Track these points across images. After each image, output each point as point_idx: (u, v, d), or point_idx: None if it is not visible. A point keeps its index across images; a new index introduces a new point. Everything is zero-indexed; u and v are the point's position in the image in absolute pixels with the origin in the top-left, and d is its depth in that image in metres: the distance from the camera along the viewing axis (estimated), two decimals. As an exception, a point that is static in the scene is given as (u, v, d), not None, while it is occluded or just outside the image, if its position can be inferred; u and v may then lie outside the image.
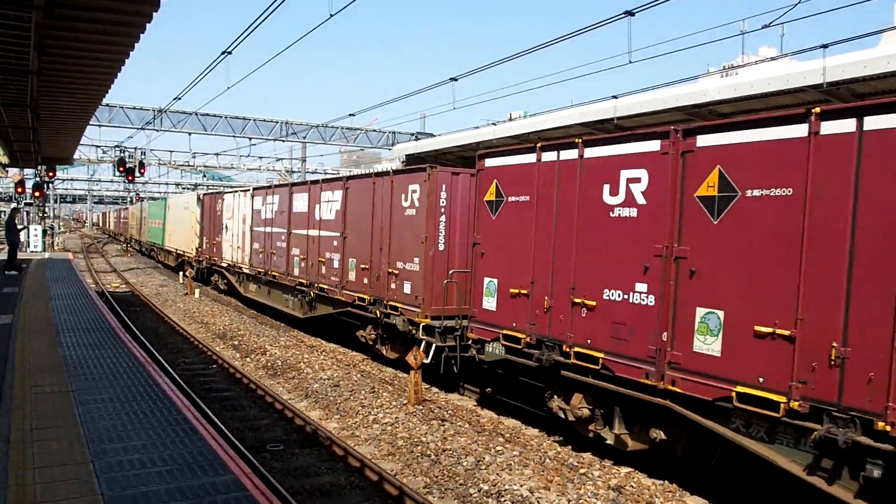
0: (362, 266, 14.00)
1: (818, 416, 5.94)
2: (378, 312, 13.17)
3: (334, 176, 17.64)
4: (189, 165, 46.63)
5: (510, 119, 30.38)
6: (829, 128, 6.06)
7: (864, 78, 8.86)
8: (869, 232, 5.69)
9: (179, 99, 21.68)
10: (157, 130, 30.69)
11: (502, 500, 7.43)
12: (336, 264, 15.15)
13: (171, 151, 43.85)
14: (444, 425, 9.87)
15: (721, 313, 6.78)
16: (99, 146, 37.69)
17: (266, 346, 15.68)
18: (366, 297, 13.70)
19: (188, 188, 67.09)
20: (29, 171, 34.56)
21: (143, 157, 34.68)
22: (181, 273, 30.14)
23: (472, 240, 10.50)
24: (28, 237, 32.55)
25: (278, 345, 15.77)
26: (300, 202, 17.32)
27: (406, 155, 20.70)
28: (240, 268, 22.05)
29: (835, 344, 5.85)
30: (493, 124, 18.85)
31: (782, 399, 6.17)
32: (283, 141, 33.97)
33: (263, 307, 20.91)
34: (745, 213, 6.63)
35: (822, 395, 5.95)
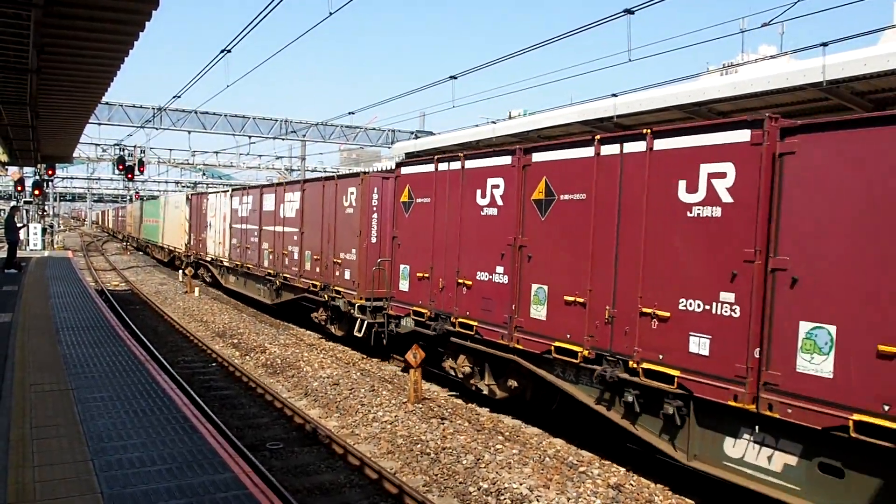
0: (315, 257, 16.16)
1: (600, 360, 8.01)
2: (327, 296, 15.31)
3: (294, 179, 20.36)
4: (188, 164, 46.63)
5: (510, 117, 30.35)
6: (605, 150, 8.04)
7: (864, 76, 8.86)
8: (628, 226, 7.68)
9: (179, 97, 21.69)
10: (157, 129, 30.71)
11: (502, 498, 7.44)
12: (296, 256, 17.28)
13: (170, 150, 43.87)
14: (443, 424, 9.87)
15: (546, 287, 8.88)
16: (98, 144, 37.65)
17: (266, 344, 15.68)
18: (317, 283, 15.88)
19: (188, 186, 67.09)
20: (28, 170, 34.54)
21: (142, 155, 34.60)
22: (180, 271, 30.18)
23: (423, 234, 11.73)
24: (28, 235, 32.55)
25: (278, 343, 15.78)
26: (269, 202, 19.40)
27: (405, 153, 20.70)
28: (221, 261, 23.99)
29: (608, 307, 7.91)
30: (493, 122, 18.85)
31: (580, 349, 8.21)
32: (283, 139, 34.00)
33: (241, 296, 22.98)
34: (561, 211, 8.69)
35: (602, 345, 8.02)
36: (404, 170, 12.07)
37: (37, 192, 32.78)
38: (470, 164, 10.40)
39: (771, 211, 6.36)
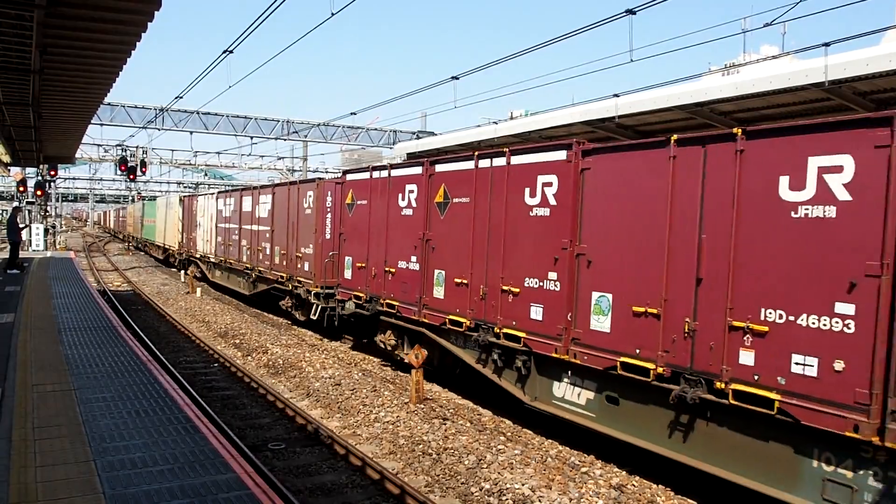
0: (282, 252, 18.45)
1: (478, 328, 10.06)
2: (291, 286, 17.61)
3: (267, 184, 22.71)
4: (191, 164, 46.64)
5: (511, 117, 30.35)
6: (482, 164, 10.16)
7: (867, 76, 8.84)
8: (494, 223, 9.81)
9: (181, 98, 21.65)
10: (159, 129, 30.70)
11: (504, 498, 7.43)
12: (268, 251, 19.53)
13: (172, 150, 43.84)
14: (445, 424, 9.87)
15: (444, 272, 10.98)
16: (101, 145, 37.66)
17: (267, 344, 15.69)
18: (284, 275, 18.13)
19: (190, 187, 67.18)
20: (31, 170, 34.57)
21: (144, 155, 34.60)
22: (182, 272, 30.23)
23: (361, 231, 13.81)
24: (30, 236, 32.59)
25: (280, 343, 15.78)
26: (247, 203, 21.57)
27: (407, 154, 20.69)
28: (208, 258, 26.29)
29: (482, 286, 10.02)
30: (495, 123, 18.85)
31: (465, 320, 10.31)
32: (285, 140, 33.95)
33: (225, 289, 25.39)
34: (453, 212, 10.78)
35: (479, 316, 10.10)
36: (349, 177, 14.35)
37: (39, 192, 32.82)
38: (395, 172, 12.52)
39: (577, 211, 8.52)
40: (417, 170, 11.73)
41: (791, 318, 6.23)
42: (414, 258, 11.66)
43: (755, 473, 6.61)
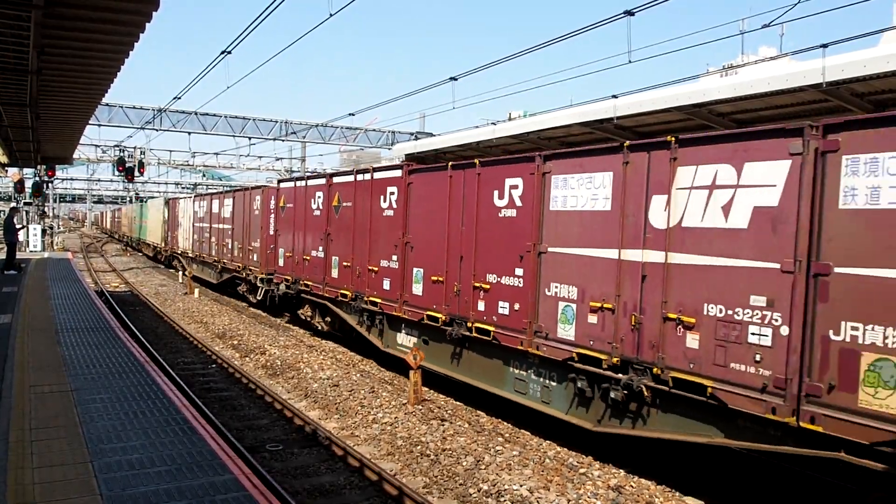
0: (239, 246, 22.17)
1: (357, 298, 13.49)
2: (245, 273, 21.42)
3: (230, 189, 26.50)
4: (189, 165, 46.58)
5: (510, 118, 30.35)
6: (360, 178, 13.74)
7: (864, 77, 8.84)
8: (359, 222, 13.56)
9: (179, 98, 21.67)
10: (157, 130, 30.64)
11: (502, 499, 7.43)
12: (230, 246, 23.25)
13: (170, 151, 43.79)
14: (443, 425, 9.86)
15: (338, 258, 14.44)
16: (98, 146, 37.57)
17: (265, 345, 15.67)
18: (240, 265, 21.91)
19: (188, 188, 67.09)
20: (28, 171, 34.52)
21: (142, 156, 34.61)
22: (180, 272, 30.24)
23: (289, 228, 17.18)
24: (27, 237, 32.53)
25: (278, 344, 15.77)
26: (216, 206, 25.28)
27: (405, 155, 20.66)
28: (187, 253, 30.03)
29: (358, 267, 13.54)
30: (493, 124, 18.84)
31: (349, 293, 13.81)
32: (283, 140, 33.93)
33: (200, 280, 28.14)
34: (344, 213, 14.26)
35: (358, 289, 13.55)
36: (282, 185, 17.99)
37: (36, 193, 32.77)
38: (310, 182, 16.16)
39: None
40: (321, 181, 15.45)
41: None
42: (321, 248, 15.20)
43: (485, 380, 10.37)
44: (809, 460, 7.35)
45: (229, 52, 13.76)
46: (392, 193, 12.45)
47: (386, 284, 12.48)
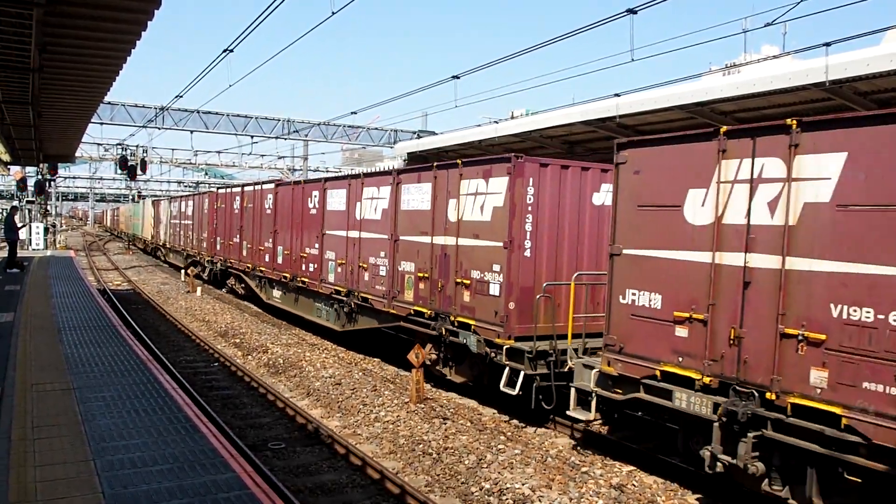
0: (196, 237, 27.71)
1: (253, 269, 20.27)
2: (199, 257, 26.99)
3: (194, 192, 32.71)
4: (191, 163, 46.64)
5: (512, 117, 30.32)
6: (248, 189, 21.24)
7: (867, 76, 8.83)
8: (262, 217, 19.87)
9: (181, 97, 21.74)
10: (159, 128, 30.67)
11: (504, 498, 7.42)
12: (191, 237, 28.82)
13: (172, 149, 43.89)
14: (445, 423, 9.86)
15: (246, 242, 20.72)
16: (101, 144, 37.64)
17: (268, 344, 15.68)
18: (197, 251, 27.21)
19: (190, 186, 67.17)
20: (31, 169, 34.54)
21: (144, 154, 34.62)
22: (183, 271, 30.27)
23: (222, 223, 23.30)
24: (30, 235, 32.56)
25: (280, 343, 15.77)
26: (183, 206, 30.66)
27: (408, 153, 20.68)
28: (166, 244, 35.93)
29: (256, 247, 20.10)
30: (495, 122, 18.82)
31: (249, 264, 20.49)
32: (285, 139, 33.94)
33: (176, 266, 33.51)
34: (248, 212, 20.65)
35: (254, 261, 20.23)
36: (219, 191, 23.75)
37: (38, 192, 32.82)
38: (232, 189, 22.54)
39: (292, 212, 18.04)
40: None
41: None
42: (237, 236, 21.41)
43: (306, 312, 16.54)
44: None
45: (231, 51, 13.75)
46: (266, 197, 19.38)
47: (267, 257, 18.93)
